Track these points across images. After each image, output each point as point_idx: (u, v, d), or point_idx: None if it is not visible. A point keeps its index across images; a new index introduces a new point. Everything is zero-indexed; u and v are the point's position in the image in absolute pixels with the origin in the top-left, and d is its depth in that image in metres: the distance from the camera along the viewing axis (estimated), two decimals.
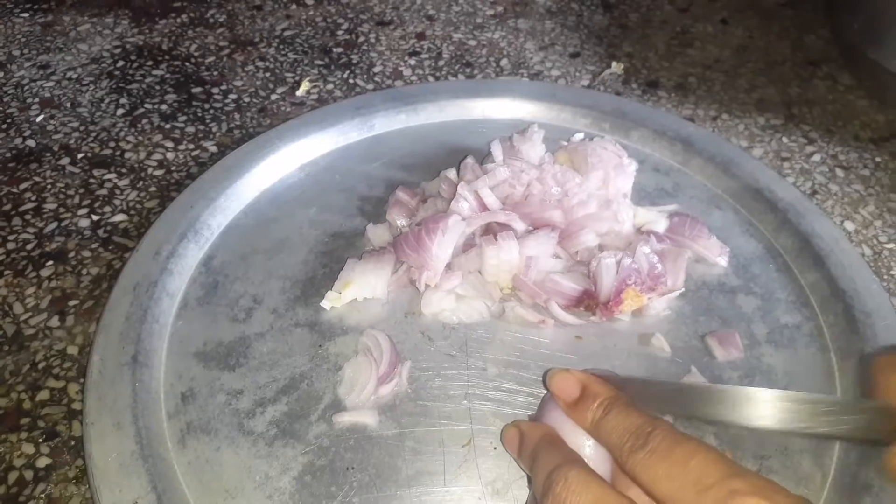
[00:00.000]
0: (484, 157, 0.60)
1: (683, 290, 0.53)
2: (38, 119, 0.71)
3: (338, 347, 0.51)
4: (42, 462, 0.47)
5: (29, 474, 0.46)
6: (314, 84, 0.75)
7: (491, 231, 0.54)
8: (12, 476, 0.46)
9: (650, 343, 0.51)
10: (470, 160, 0.59)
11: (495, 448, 0.45)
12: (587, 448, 0.37)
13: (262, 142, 0.64)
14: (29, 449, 0.47)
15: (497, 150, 0.59)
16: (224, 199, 0.59)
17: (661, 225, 0.56)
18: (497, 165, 0.56)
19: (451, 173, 0.58)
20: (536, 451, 0.37)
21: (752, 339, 0.52)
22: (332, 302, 0.53)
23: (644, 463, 0.31)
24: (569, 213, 0.55)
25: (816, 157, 0.69)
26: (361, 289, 0.53)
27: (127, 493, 0.42)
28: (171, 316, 0.53)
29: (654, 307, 0.52)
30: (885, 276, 0.59)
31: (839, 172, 0.67)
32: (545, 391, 0.43)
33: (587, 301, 0.50)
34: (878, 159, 0.69)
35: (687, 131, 0.66)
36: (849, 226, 0.63)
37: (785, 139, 0.71)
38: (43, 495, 0.45)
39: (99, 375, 0.48)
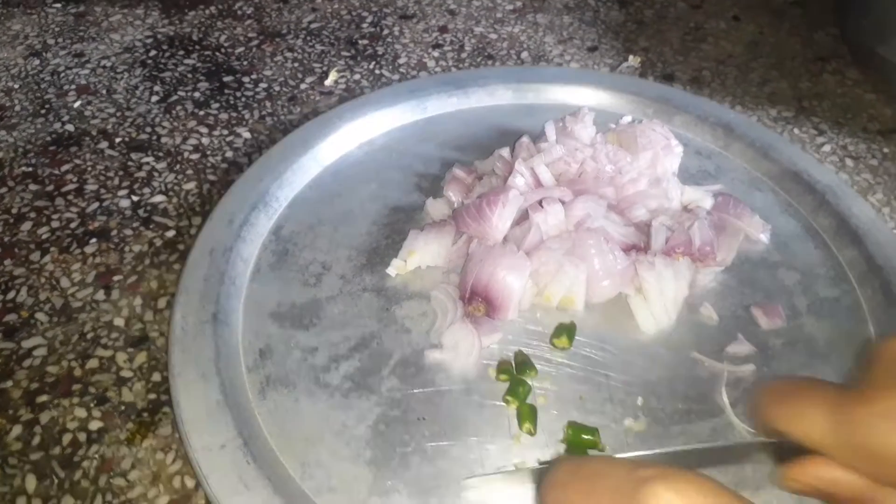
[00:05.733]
0: (536, 137, 0.63)
1: (729, 264, 0.56)
2: (76, 105, 0.74)
3: (404, 311, 0.54)
4: (94, 425, 0.49)
5: (82, 436, 0.48)
6: (342, 74, 0.78)
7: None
8: (66, 438, 0.48)
9: (699, 312, 0.54)
10: (525, 139, 0.62)
11: (556, 411, 0.48)
12: None
13: (323, 121, 0.67)
14: (81, 413, 0.49)
15: (551, 130, 0.62)
16: (290, 173, 0.63)
17: (706, 203, 0.59)
18: (552, 144, 0.59)
19: (506, 152, 0.61)
20: None
21: (793, 311, 0.55)
22: (398, 269, 0.56)
23: None
24: (621, 189, 0.58)
25: (827, 148, 0.72)
26: (424, 257, 0.56)
27: (215, 438, 0.45)
28: (246, 279, 0.56)
29: (701, 278, 0.55)
30: None
31: (849, 162, 0.70)
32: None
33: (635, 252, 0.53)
34: (885, 150, 0.72)
35: (728, 117, 0.69)
36: None
37: (797, 130, 0.74)
38: (96, 455, 0.47)
39: (182, 331, 0.51)
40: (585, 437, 0.46)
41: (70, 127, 0.71)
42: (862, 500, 0.32)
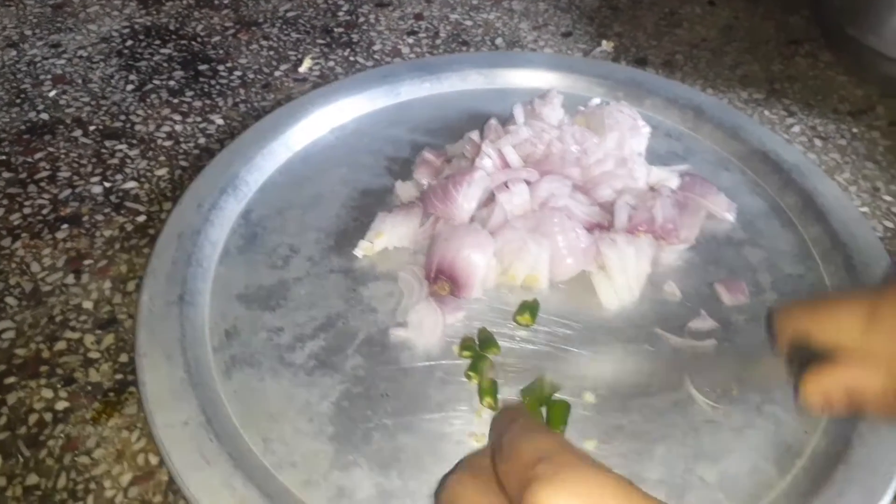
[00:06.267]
0: (506, 120, 0.64)
1: (693, 242, 0.57)
2: (51, 94, 0.74)
3: (370, 291, 0.54)
4: (60, 405, 0.49)
5: (48, 416, 0.49)
6: (316, 61, 0.78)
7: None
8: (32, 418, 0.48)
9: (662, 289, 0.54)
10: (493, 121, 0.62)
11: (518, 386, 0.49)
12: None
13: (295, 106, 0.68)
14: (48, 394, 0.50)
15: (519, 113, 0.63)
16: (261, 158, 0.63)
17: (673, 182, 0.60)
18: (519, 126, 0.60)
19: (475, 135, 0.62)
20: None
21: (757, 287, 0.55)
22: (365, 251, 0.56)
23: None
24: (587, 170, 0.58)
25: (796, 129, 0.72)
26: (391, 238, 0.56)
27: (178, 415, 0.46)
28: (214, 262, 0.56)
29: (665, 256, 0.56)
30: None
31: (817, 142, 0.71)
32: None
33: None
34: (854, 130, 0.72)
35: (698, 99, 0.69)
36: None
37: (767, 112, 0.74)
38: (62, 435, 0.48)
39: (149, 313, 0.51)
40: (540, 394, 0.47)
41: (45, 115, 0.71)
42: (886, 399, 0.33)
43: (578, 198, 0.56)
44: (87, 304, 0.55)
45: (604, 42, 0.81)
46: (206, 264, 0.56)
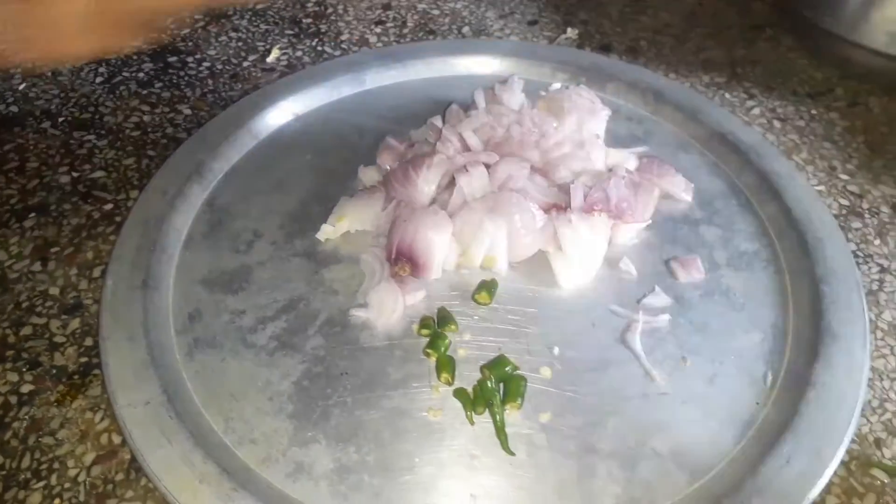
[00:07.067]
0: (468, 106, 0.65)
1: (650, 221, 0.58)
2: (21, 87, 0.75)
3: (333, 274, 0.55)
4: (25, 388, 0.50)
5: (13, 399, 0.49)
6: (284, 51, 0.79)
7: None
8: None
9: (618, 267, 0.55)
10: (455, 107, 0.63)
11: (475, 363, 0.50)
12: None
13: (260, 95, 0.68)
14: (13, 377, 0.50)
15: (480, 98, 0.63)
16: (226, 146, 0.64)
17: (630, 164, 0.61)
18: (480, 110, 0.61)
19: (437, 120, 0.63)
20: None
21: (712, 264, 0.56)
22: (327, 234, 0.57)
23: None
24: (546, 153, 0.59)
25: (756, 111, 0.73)
26: (353, 222, 0.57)
27: (140, 395, 0.47)
28: (178, 248, 0.57)
29: (622, 235, 0.57)
30: None
31: (776, 124, 0.71)
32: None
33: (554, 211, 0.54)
34: (813, 111, 0.73)
35: (659, 83, 0.70)
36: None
37: (727, 95, 0.75)
38: (27, 417, 0.48)
39: (113, 297, 0.52)
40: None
41: (14, 108, 0.72)
42: None
43: (536, 180, 0.57)
44: (54, 291, 0.56)
45: (569, 29, 0.82)
46: (170, 250, 0.56)
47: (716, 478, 0.44)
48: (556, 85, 0.68)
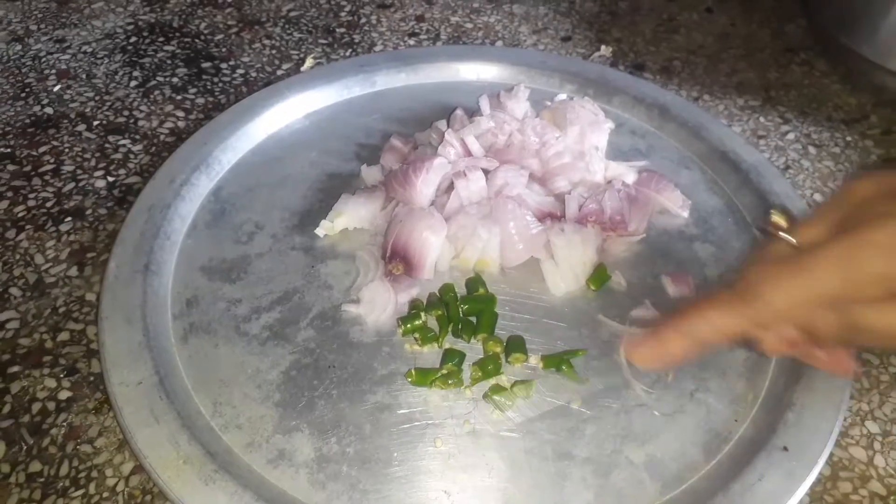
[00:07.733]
0: (473, 111, 0.66)
1: (644, 235, 0.58)
2: (56, 89, 0.76)
3: (328, 269, 0.57)
4: (63, 395, 0.51)
5: (51, 405, 0.50)
6: (318, 61, 0.80)
7: None
8: (35, 406, 0.50)
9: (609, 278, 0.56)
10: (459, 112, 0.64)
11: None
12: None
13: (272, 91, 0.70)
14: (51, 383, 0.51)
15: (485, 104, 0.65)
16: (235, 138, 0.65)
17: (629, 178, 0.61)
18: (484, 117, 0.62)
19: (442, 124, 0.64)
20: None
21: (704, 281, 0.57)
22: (325, 230, 0.59)
23: None
24: (545, 162, 0.60)
25: (791, 136, 0.73)
26: (352, 219, 0.59)
27: (133, 375, 0.48)
28: (181, 235, 0.59)
29: (615, 248, 0.57)
30: None
31: (811, 150, 0.72)
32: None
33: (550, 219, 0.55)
34: (848, 138, 0.73)
35: (665, 99, 0.71)
36: (818, 198, 0.67)
37: (762, 119, 0.75)
38: (64, 424, 0.49)
39: (114, 279, 0.54)
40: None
41: (49, 110, 0.73)
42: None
43: (534, 188, 0.58)
44: (90, 297, 0.57)
45: (602, 47, 0.83)
46: (173, 237, 0.58)
47: (688, 491, 0.45)
48: (562, 96, 0.69)
